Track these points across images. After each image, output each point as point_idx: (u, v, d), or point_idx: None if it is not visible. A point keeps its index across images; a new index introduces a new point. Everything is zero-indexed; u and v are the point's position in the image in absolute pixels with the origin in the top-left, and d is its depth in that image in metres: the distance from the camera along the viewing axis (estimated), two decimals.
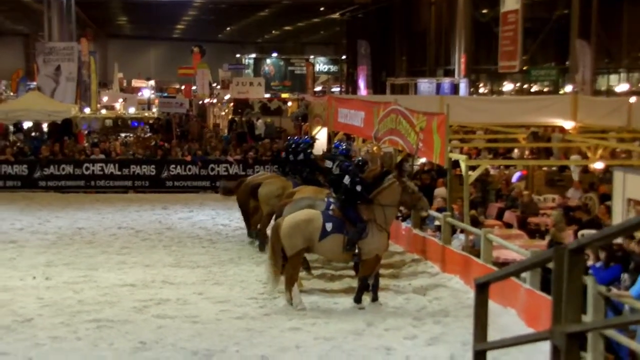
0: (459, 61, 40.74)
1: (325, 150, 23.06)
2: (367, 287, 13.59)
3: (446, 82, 41.32)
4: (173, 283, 14.99)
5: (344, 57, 64.20)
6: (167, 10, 60.56)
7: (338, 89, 63.50)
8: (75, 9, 48.30)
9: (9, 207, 24.06)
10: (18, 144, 30.28)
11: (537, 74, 38.41)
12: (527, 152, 23.96)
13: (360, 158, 15.22)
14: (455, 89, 39.90)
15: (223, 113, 49.10)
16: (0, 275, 15.32)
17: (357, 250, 13.49)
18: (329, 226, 13.37)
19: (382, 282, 14.62)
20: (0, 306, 13.12)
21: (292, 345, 11.38)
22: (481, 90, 44.14)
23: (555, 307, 4.15)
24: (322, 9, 58.16)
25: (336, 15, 58.15)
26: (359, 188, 13.67)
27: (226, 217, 22.70)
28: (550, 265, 4.36)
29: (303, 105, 45.64)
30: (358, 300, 13.48)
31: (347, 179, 13.73)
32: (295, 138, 19.31)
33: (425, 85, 42.18)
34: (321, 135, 27.35)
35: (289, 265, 13.31)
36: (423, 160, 22.59)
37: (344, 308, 13.39)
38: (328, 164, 16.64)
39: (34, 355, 10.78)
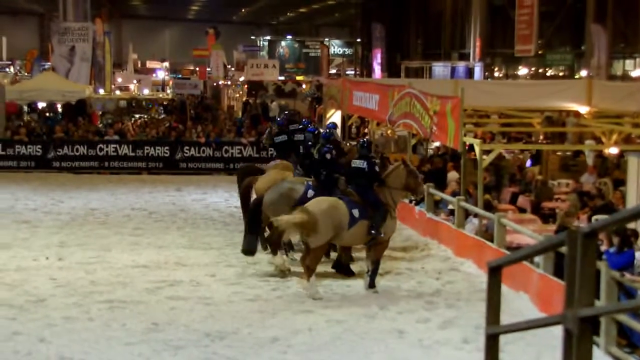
0: (474, 45, 40.57)
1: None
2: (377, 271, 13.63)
3: (461, 65, 41.19)
4: (186, 264, 15.01)
5: (358, 39, 63.97)
6: None
7: (353, 72, 63.34)
8: None
9: (23, 187, 24.13)
10: (32, 124, 30.34)
11: (553, 58, 38.24)
12: (541, 137, 23.87)
13: (363, 140, 15.20)
14: (470, 72, 39.77)
15: (237, 95, 49.11)
16: (14, 256, 15.38)
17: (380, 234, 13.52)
18: (355, 213, 13.30)
19: (396, 265, 14.63)
20: (13, 286, 13.18)
21: (305, 327, 11.39)
22: (496, 74, 43.98)
23: (568, 291, 4.13)
24: None
25: None
26: (377, 169, 13.80)
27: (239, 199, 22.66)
28: (563, 249, 4.33)
29: (314, 86, 45.65)
30: (372, 285, 13.47)
31: (363, 163, 13.76)
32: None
33: (439, 68, 42.07)
34: (335, 118, 27.32)
35: (313, 255, 13.14)
36: (437, 143, 22.55)
37: (357, 291, 13.39)
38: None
39: (47, 335, 10.82)
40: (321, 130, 16.79)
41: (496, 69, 44.56)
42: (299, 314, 12.05)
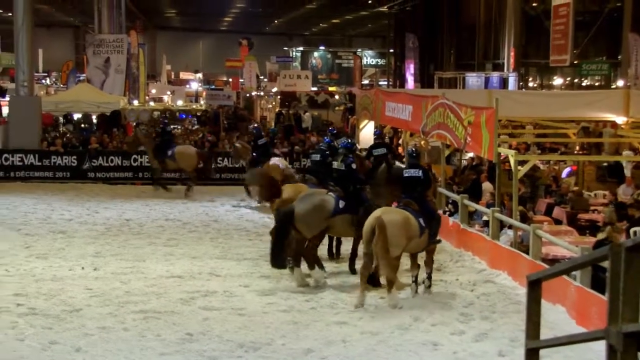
0: (508, 55, 40.36)
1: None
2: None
3: (495, 76, 40.97)
4: (219, 275, 15.03)
5: (391, 50, 63.94)
6: (216, 3, 60.87)
7: (385, 83, 63.29)
8: (125, 0, 48.70)
9: (59, 197, 24.33)
10: (67, 135, 30.60)
11: (588, 68, 37.91)
12: (577, 148, 23.67)
13: (412, 149, 15.10)
14: (504, 83, 39.55)
15: (270, 106, 49.24)
16: (50, 265, 15.49)
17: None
18: (422, 222, 13.33)
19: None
20: (50, 296, 13.26)
21: (338, 339, 11.33)
22: (530, 84, 43.72)
23: (612, 306, 4.05)
24: (370, 1, 57.99)
25: (384, 8, 57.90)
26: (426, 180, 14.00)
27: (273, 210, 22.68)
28: (605, 263, 4.26)
29: (344, 95, 45.69)
30: (430, 286, 13.79)
31: (418, 172, 13.84)
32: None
33: (473, 79, 41.88)
34: (368, 129, 27.30)
35: (391, 266, 12.97)
36: (471, 154, 22.44)
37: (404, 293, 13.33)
38: (315, 157, 16.66)
39: (83, 344, 10.86)
40: (344, 141, 16.71)
41: (531, 79, 44.32)
42: (333, 326, 11.99)
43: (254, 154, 23.65)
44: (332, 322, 12.16)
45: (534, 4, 41.14)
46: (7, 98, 35.63)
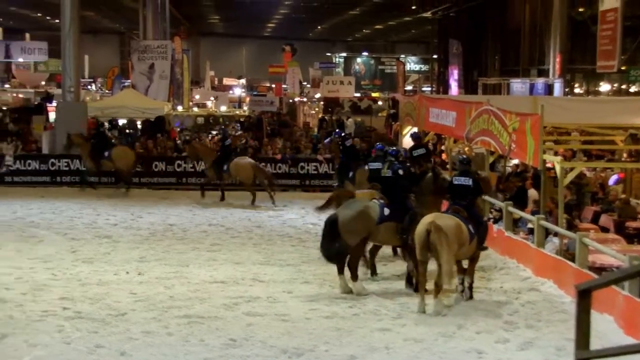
0: (554, 61, 39.92)
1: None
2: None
3: (540, 82, 40.56)
4: (262, 281, 15.06)
5: (435, 56, 63.70)
6: (259, 9, 61.05)
7: (429, 89, 63.06)
8: (169, 7, 49.05)
9: (104, 202, 24.56)
10: (112, 141, 30.86)
11: (637, 74, 37.36)
12: (625, 155, 23.34)
13: (463, 157, 15.09)
14: (549, 89, 39.14)
15: (313, 112, 49.28)
16: (95, 270, 15.64)
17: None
18: (471, 228, 13.36)
19: (474, 284, 14.41)
20: (96, 300, 13.38)
21: (382, 346, 11.30)
22: (576, 90, 43.22)
23: None
24: (413, 7, 57.80)
25: (428, 14, 57.69)
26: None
27: (315, 215, 22.69)
28: None
29: (386, 102, 45.64)
30: (472, 295, 13.75)
31: (468, 180, 13.87)
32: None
33: (518, 85, 41.51)
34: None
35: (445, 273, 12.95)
36: (516, 161, 22.25)
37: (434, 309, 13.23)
38: (375, 165, 16.01)
39: (127, 349, 10.93)
40: (392, 148, 16.63)
41: (577, 85, 43.81)
42: (376, 332, 11.96)
43: (218, 153, 25.08)
44: (375, 328, 12.13)
45: (580, 9, 40.66)
46: (54, 104, 36.09)
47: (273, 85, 63.51)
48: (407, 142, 27.16)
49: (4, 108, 40.15)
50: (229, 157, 25.03)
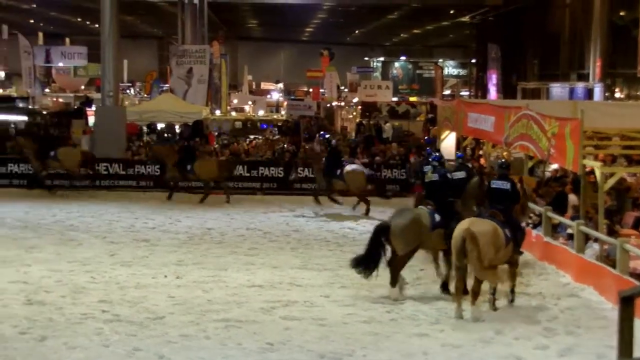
0: (594, 65, 39.59)
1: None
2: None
3: (580, 86, 40.24)
4: (300, 285, 15.06)
5: (473, 60, 63.39)
6: (297, 14, 61.09)
7: (467, 93, 62.75)
8: (207, 12, 49.32)
9: (142, 206, 24.71)
10: (151, 145, 31.07)
11: None
12: None
13: (502, 161, 15.13)
14: (589, 93, 38.81)
15: (351, 116, 49.24)
16: (134, 273, 15.72)
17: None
18: (507, 232, 13.30)
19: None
20: (134, 303, 13.45)
21: (419, 351, 11.24)
22: (617, 95, 42.78)
23: None
24: (452, 12, 57.56)
25: (466, 19, 57.44)
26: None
27: (352, 220, 22.70)
28: None
29: (425, 106, 45.46)
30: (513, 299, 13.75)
31: (506, 184, 13.86)
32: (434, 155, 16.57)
33: (557, 89, 41.24)
34: (450, 140, 27.08)
35: (486, 276, 13.05)
36: (555, 166, 22.06)
37: (467, 315, 13.14)
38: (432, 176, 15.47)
39: (166, 352, 10.97)
40: (435, 154, 16.60)
41: (617, 89, 43.36)
42: (414, 337, 11.90)
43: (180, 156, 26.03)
44: (413, 334, 12.08)
45: (621, 13, 40.28)
46: (94, 108, 36.41)
47: (311, 90, 63.59)
48: (445, 146, 27.07)
49: (44, 112, 40.56)
50: (193, 158, 25.83)
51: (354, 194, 23.89)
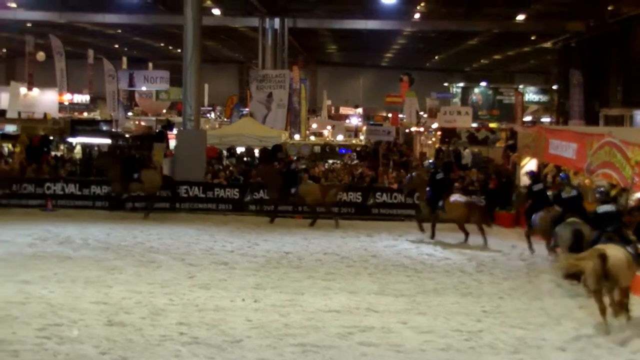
0: None
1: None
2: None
3: None
4: (377, 310, 14.98)
5: (554, 86, 62.57)
6: (377, 39, 61.22)
7: (548, 120, 61.94)
8: (288, 37, 49.78)
9: (221, 229, 24.91)
10: (230, 168, 31.37)
11: None
12: None
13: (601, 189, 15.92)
14: None
15: (430, 142, 48.99)
16: (212, 296, 15.83)
17: None
18: (631, 250, 13.97)
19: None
20: (212, 325, 13.54)
21: None
22: None
23: None
24: (533, 37, 57.03)
25: (548, 44, 56.80)
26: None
27: (431, 246, 22.54)
28: None
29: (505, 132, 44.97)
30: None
31: (612, 207, 15.20)
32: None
33: None
34: (530, 166, 26.73)
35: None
36: (639, 195, 21.60)
37: (552, 344, 12.91)
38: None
39: None
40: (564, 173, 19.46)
41: None
42: None
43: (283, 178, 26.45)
44: None
45: None
46: (175, 131, 36.97)
47: (390, 115, 63.54)
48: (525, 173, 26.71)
49: (127, 135, 41.30)
50: (295, 182, 26.22)
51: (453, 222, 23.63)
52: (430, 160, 31.39)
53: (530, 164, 27.18)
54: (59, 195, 28.53)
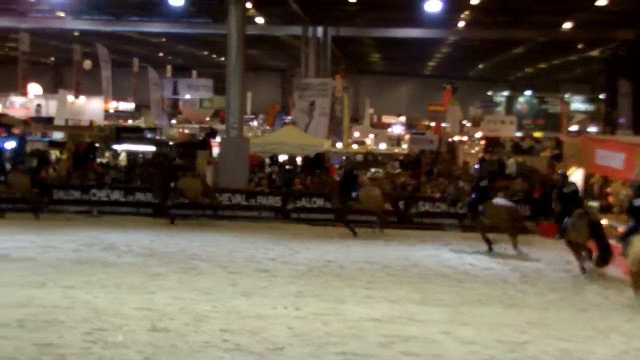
0: None
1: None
2: None
3: None
4: (419, 320, 14.85)
5: (601, 96, 61.90)
6: (420, 48, 61.06)
7: (595, 129, 61.30)
8: (330, 46, 49.81)
9: (262, 237, 24.95)
10: (273, 176, 31.45)
11: None
12: None
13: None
14: None
15: (473, 151, 48.75)
16: (253, 303, 15.81)
17: None
18: None
19: None
20: (254, 333, 13.51)
21: None
22: None
23: None
24: (580, 46, 56.49)
25: (595, 53, 56.24)
26: None
27: (474, 256, 22.36)
28: None
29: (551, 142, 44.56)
30: None
31: None
32: None
33: None
34: (576, 177, 26.42)
35: None
36: None
37: (600, 358, 12.70)
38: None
39: None
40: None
41: None
42: None
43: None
44: None
45: None
46: (218, 139, 37.16)
47: (432, 124, 63.30)
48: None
49: (171, 143, 41.63)
50: (356, 186, 25.83)
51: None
52: (476, 166, 31.21)
53: (576, 174, 26.87)
54: (104, 201, 28.83)
